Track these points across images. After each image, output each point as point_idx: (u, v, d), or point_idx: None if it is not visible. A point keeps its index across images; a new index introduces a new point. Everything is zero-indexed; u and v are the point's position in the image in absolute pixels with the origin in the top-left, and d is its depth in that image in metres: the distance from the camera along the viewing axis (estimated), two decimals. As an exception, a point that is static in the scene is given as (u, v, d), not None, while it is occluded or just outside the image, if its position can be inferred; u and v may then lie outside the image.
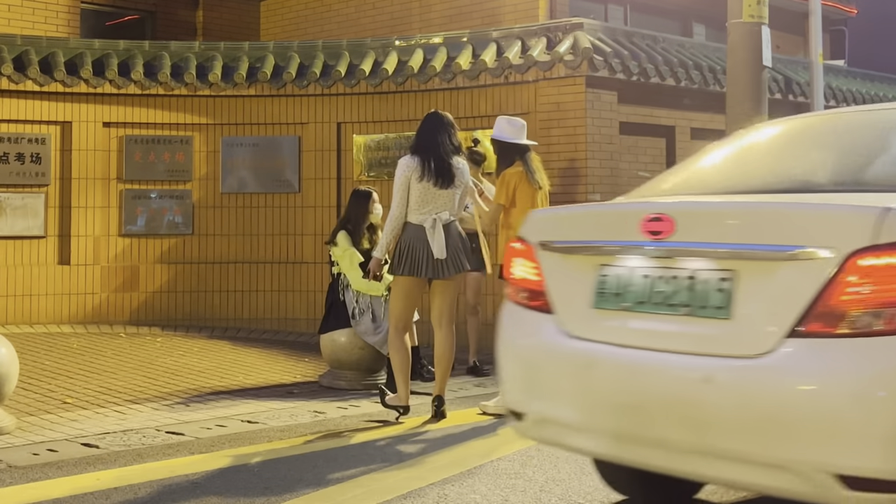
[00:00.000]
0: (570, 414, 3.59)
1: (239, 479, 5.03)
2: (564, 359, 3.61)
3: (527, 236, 3.87)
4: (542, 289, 3.75)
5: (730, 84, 9.47)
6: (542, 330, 3.70)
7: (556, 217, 4.07)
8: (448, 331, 6.53)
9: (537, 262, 3.79)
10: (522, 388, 3.80)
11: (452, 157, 6.47)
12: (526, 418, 3.77)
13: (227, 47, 11.07)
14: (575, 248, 3.69)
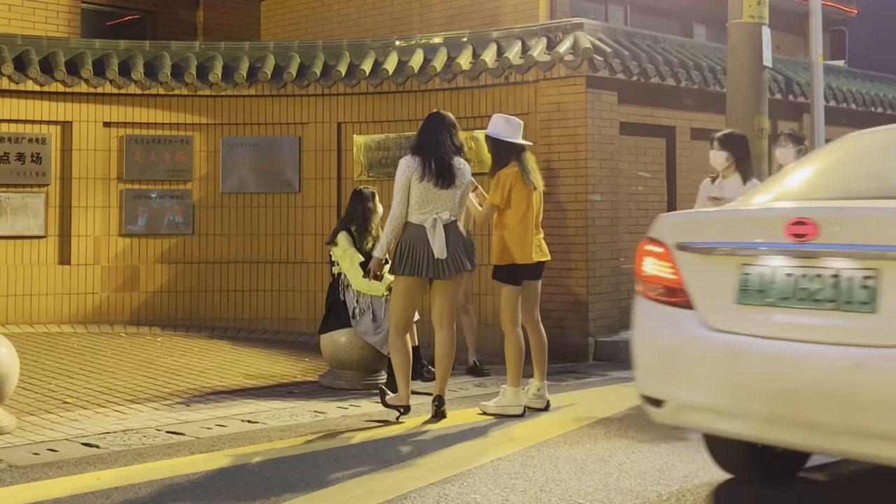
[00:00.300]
0: (716, 400, 3.95)
1: (239, 478, 5.04)
2: (709, 350, 3.98)
3: (661, 238, 4.27)
4: (680, 286, 4.15)
5: (730, 84, 9.48)
6: (682, 324, 4.09)
7: (695, 221, 4.48)
8: (449, 331, 6.54)
9: (674, 262, 4.19)
10: (662, 377, 4.19)
11: (453, 158, 6.47)
12: (665, 405, 4.15)
13: (227, 47, 11.07)
14: (716, 250, 4.09)
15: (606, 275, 9.34)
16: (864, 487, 4.95)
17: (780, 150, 7.68)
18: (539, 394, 6.78)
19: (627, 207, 9.79)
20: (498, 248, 6.62)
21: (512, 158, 6.63)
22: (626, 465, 5.27)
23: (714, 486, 4.87)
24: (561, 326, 9.19)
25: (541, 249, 6.72)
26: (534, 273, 6.73)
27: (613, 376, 8.19)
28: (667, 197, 10.30)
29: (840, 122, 12.54)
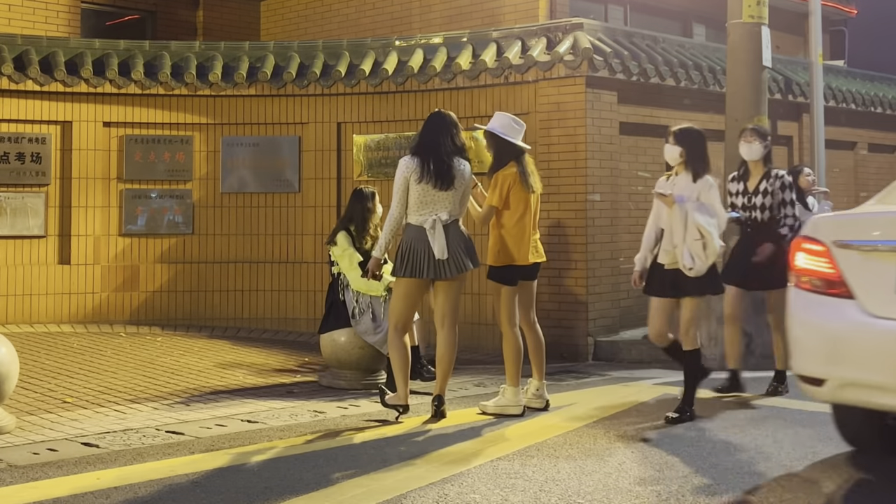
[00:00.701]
0: (877, 377, 4.48)
1: (239, 478, 5.04)
2: (871, 334, 4.55)
3: (818, 237, 4.84)
4: (839, 279, 4.72)
5: (730, 84, 9.48)
6: (844, 312, 4.65)
7: (853, 221, 4.98)
8: (451, 331, 6.53)
9: (832, 257, 4.76)
10: (824, 358, 4.74)
11: (453, 159, 6.46)
12: (826, 383, 4.69)
13: (227, 47, 11.07)
14: (878, 247, 4.64)
15: (606, 275, 9.35)
16: None
17: (746, 145, 7.37)
18: (538, 394, 6.78)
19: (627, 207, 9.79)
20: (495, 248, 6.61)
21: (511, 160, 6.60)
22: (626, 464, 5.28)
23: (714, 486, 4.87)
24: (560, 326, 9.19)
25: (537, 251, 6.72)
26: (530, 274, 6.72)
27: (613, 376, 8.19)
28: (666, 197, 10.28)
29: (840, 122, 12.55)
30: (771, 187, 7.28)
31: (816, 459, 5.38)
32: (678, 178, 6.58)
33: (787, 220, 7.28)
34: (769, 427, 6.18)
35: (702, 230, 6.24)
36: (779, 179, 7.30)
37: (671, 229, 6.39)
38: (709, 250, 6.28)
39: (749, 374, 8.28)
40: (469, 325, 9.56)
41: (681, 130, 6.68)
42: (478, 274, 8.81)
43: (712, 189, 6.47)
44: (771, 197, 7.27)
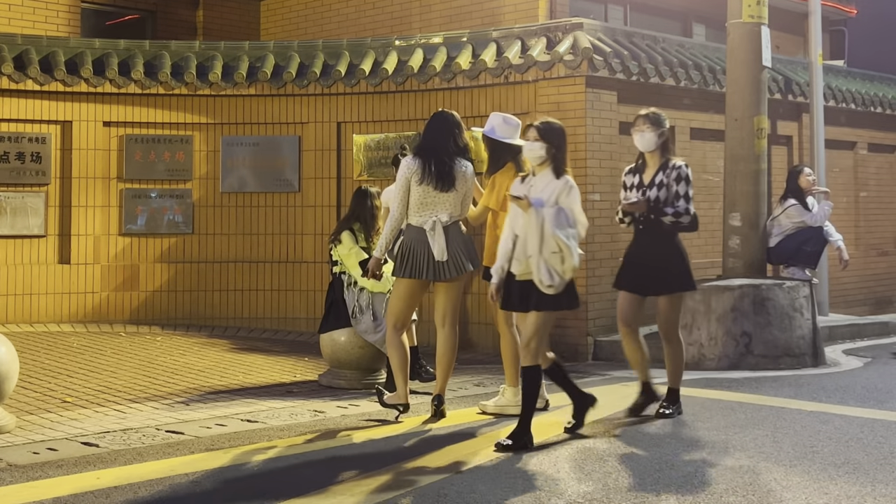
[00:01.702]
0: None
1: (239, 478, 5.04)
2: None
3: None
4: None
5: (730, 84, 9.49)
6: None
7: None
8: (451, 331, 6.54)
9: None
10: None
11: (455, 160, 6.46)
12: None
13: (227, 47, 11.07)
14: None
15: (606, 275, 9.34)
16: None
17: (638, 135, 6.54)
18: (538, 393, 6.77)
19: (627, 207, 9.78)
20: (490, 249, 6.60)
21: (508, 160, 6.58)
22: (626, 464, 5.28)
23: (714, 486, 4.87)
24: (560, 326, 9.19)
25: None
26: None
27: (613, 376, 8.19)
28: (666, 197, 10.29)
29: (839, 122, 12.55)
30: (667, 179, 6.46)
31: (816, 459, 5.38)
32: (536, 179, 5.88)
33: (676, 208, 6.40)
34: (769, 427, 6.18)
35: (560, 243, 5.63)
36: (675, 170, 6.45)
37: (525, 237, 5.71)
38: (567, 265, 5.66)
39: (751, 373, 8.29)
40: (469, 325, 9.57)
41: (544, 125, 5.96)
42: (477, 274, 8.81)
43: (573, 191, 5.83)
44: (666, 190, 6.44)
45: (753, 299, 8.68)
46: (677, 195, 6.45)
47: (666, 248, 6.50)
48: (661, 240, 6.50)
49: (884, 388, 7.57)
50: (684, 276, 6.55)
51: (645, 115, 6.59)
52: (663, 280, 6.50)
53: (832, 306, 11.56)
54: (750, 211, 9.27)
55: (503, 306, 6.02)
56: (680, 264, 6.54)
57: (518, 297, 5.84)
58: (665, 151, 6.56)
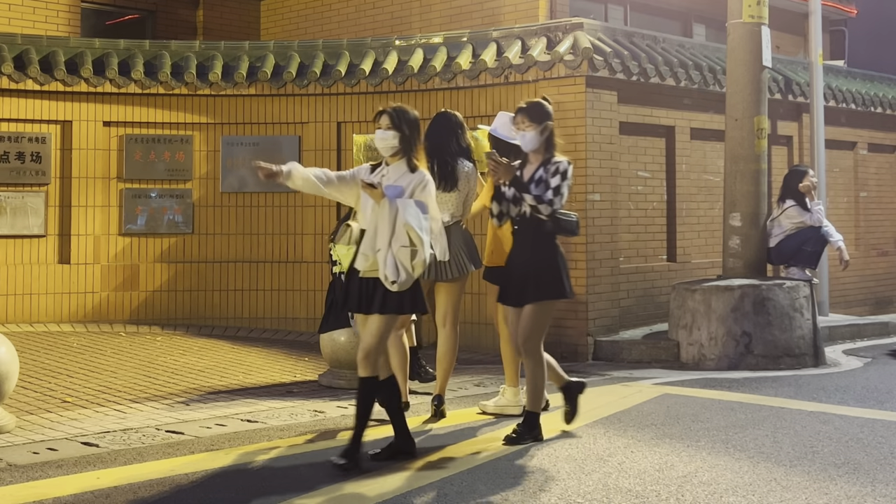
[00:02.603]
0: None
1: (239, 477, 5.04)
2: None
3: None
4: None
5: (730, 84, 9.49)
6: None
7: None
8: (451, 331, 6.55)
9: None
10: None
11: (457, 160, 6.47)
12: None
13: (227, 47, 11.07)
14: None
15: (606, 274, 9.35)
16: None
17: (520, 136, 5.92)
18: (538, 393, 6.76)
19: (627, 207, 9.79)
20: (489, 249, 6.61)
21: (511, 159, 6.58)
22: (626, 464, 5.28)
23: (714, 486, 4.87)
24: (560, 326, 9.19)
25: None
26: None
27: (613, 376, 8.19)
28: (666, 197, 10.30)
29: (840, 122, 12.55)
30: (545, 175, 5.82)
31: (816, 459, 5.38)
32: (389, 170, 5.47)
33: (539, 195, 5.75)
34: (769, 427, 6.18)
35: (412, 235, 5.20)
36: (555, 165, 5.82)
37: (375, 230, 5.27)
38: (417, 260, 5.23)
39: (751, 373, 8.29)
40: (469, 325, 9.57)
41: (397, 112, 5.57)
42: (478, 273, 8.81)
43: (429, 186, 5.44)
44: (544, 186, 5.79)
45: (754, 299, 8.68)
46: (547, 185, 5.76)
47: (544, 252, 5.85)
48: (538, 244, 5.86)
49: (884, 389, 7.57)
50: (555, 284, 5.82)
51: (525, 109, 5.86)
52: (533, 286, 5.81)
53: (832, 306, 11.56)
54: (750, 211, 9.27)
55: (342, 308, 5.55)
56: (552, 271, 5.83)
57: (359, 296, 5.37)
58: (550, 147, 5.89)
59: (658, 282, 10.01)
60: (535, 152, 5.88)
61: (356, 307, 5.40)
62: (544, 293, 5.79)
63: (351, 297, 5.41)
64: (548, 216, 5.72)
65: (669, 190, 10.32)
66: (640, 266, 9.93)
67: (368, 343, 5.31)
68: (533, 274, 5.79)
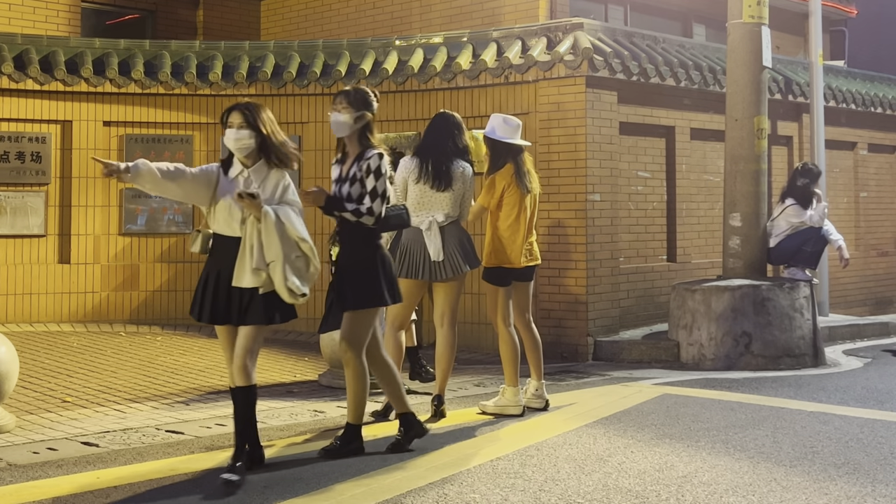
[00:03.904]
0: None
1: (239, 477, 5.04)
2: None
3: None
4: None
5: (730, 84, 9.49)
6: None
7: None
8: (449, 330, 6.54)
9: None
10: None
11: (453, 160, 6.47)
12: None
13: (227, 46, 11.07)
14: None
15: (606, 275, 9.35)
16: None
17: (332, 115, 5.47)
18: (538, 394, 6.78)
19: (627, 207, 9.79)
20: (488, 249, 6.61)
21: (508, 160, 6.59)
22: (626, 464, 5.28)
23: (714, 486, 4.87)
24: (560, 326, 9.19)
25: (531, 254, 6.69)
26: (523, 276, 6.71)
27: (613, 376, 8.19)
28: (666, 197, 10.30)
29: (840, 123, 12.55)
30: (359, 172, 5.40)
31: (816, 459, 5.38)
32: (251, 173, 5.02)
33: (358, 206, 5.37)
34: (769, 427, 6.18)
35: (302, 245, 5.07)
36: (366, 161, 5.39)
37: (261, 243, 4.97)
38: (312, 270, 5.16)
39: (751, 374, 8.29)
40: (469, 325, 9.57)
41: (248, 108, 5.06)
42: (477, 273, 8.81)
43: (290, 185, 5.13)
44: (360, 185, 5.39)
45: (753, 299, 8.68)
46: (363, 187, 5.38)
47: (360, 255, 5.52)
48: (358, 246, 5.53)
49: (884, 389, 7.57)
50: (373, 291, 5.47)
51: (345, 93, 5.50)
52: (351, 293, 5.53)
53: (832, 306, 11.56)
54: (750, 211, 9.28)
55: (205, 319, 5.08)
56: (370, 276, 5.48)
57: (227, 306, 5.02)
58: (364, 139, 5.48)
59: (658, 282, 10.01)
60: (350, 143, 5.49)
61: (222, 319, 5.03)
62: (361, 301, 5.45)
63: (217, 308, 5.03)
64: (374, 224, 5.42)
65: (669, 190, 10.32)
66: (640, 266, 9.93)
67: (242, 354, 5.00)
68: (350, 278, 5.50)
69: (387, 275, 5.52)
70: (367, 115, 5.47)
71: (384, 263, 5.52)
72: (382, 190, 5.39)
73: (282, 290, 4.99)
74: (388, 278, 5.53)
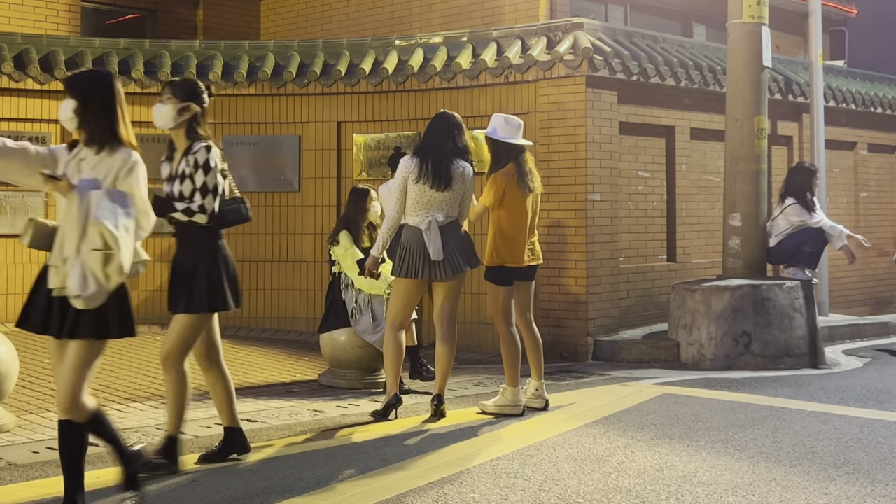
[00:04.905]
0: None
1: (238, 477, 5.04)
2: None
3: None
4: None
5: (730, 84, 9.49)
6: None
7: None
8: (449, 330, 6.54)
9: None
10: None
11: (453, 160, 6.46)
12: None
13: (227, 46, 11.07)
14: None
15: (606, 274, 9.35)
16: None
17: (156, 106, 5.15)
18: (538, 393, 6.78)
19: (627, 207, 9.79)
20: (490, 248, 6.62)
21: (510, 160, 6.60)
22: (626, 464, 5.28)
23: (714, 486, 4.87)
24: (560, 326, 9.20)
25: (533, 253, 6.70)
26: (526, 275, 6.72)
27: (613, 376, 8.19)
28: (666, 197, 10.31)
29: (840, 123, 12.55)
30: (188, 168, 5.05)
31: (816, 459, 5.38)
32: (89, 152, 4.33)
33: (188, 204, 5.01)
34: (769, 427, 6.18)
35: (105, 235, 4.13)
36: (193, 156, 5.03)
37: (64, 234, 4.28)
38: (112, 266, 4.14)
39: (751, 373, 8.29)
40: (469, 325, 9.57)
41: (78, 76, 4.49)
42: (478, 273, 8.82)
43: (136, 169, 4.44)
44: (190, 182, 5.03)
45: (753, 299, 8.68)
46: (192, 184, 5.03)
47: (196, 256, 5.18)
48: (194, 246, 5.20)
49: (884, 389, 7.57)
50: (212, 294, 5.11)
51: (170, 83, 5.17)
52: (185, 295, 5.16)
53: (832, 306, 11.57)
54: (750, 211, 9.28)
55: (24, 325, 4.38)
56: (207, 277, 5.10)
57: (46, 316, 4.25)
58: (192, 132, 5.10)
59: (658, 282, 10.02)
60: (177, 137, 5.11)
61: (41, 329, 4.27)
62: (198, 304, 5.07)
63: (36, 317, 4.30)
64: (208, 222, 5.04)
65: (669, 190, 10.32)
66: (640, 266, 9.93)
67: (66, 382, 4.22)
68: (187, 281, 5.13)
69: (229, 277, 5.14)
70: (194, 106, 5.07)
71: (226, 264, 5.13)
72: (214, 185, 5.00)
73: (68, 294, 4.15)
74: (231, 281, 5.14)
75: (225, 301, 5.12)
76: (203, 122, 5.12)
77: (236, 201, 5.25)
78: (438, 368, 6.54)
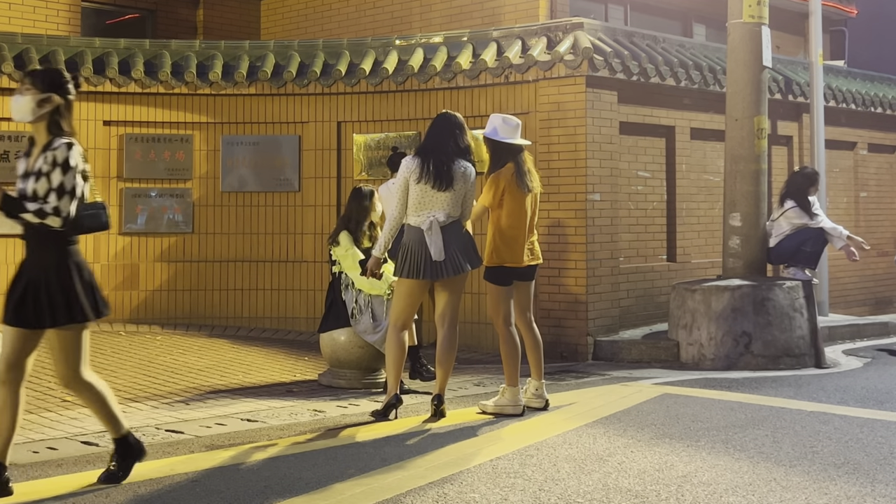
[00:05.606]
0: None
1: (238, 477, 5.04)
2: None
3: None
4: None
5: (730, 84, 9.49)
6: None
7: None
8: (450, 330, 6.54)
9: None
10: None
11: (454, 160, 6.46)
12: None
13: (227, 46, 11.07)
14: None
15: (606, 274, 9.35)
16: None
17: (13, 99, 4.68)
18: (538, 393, 6.78)
19: (627, 207, 9.79)
20: (489, 248, 6.62)
21: (509, 160, 6.60)
22: (626, 464, 5.28)
23: (714, 486, 4.87)
24: (560, 326, 9.20)
25: (532, 253, 6.70)
26: (525, 275, 6.72)
27: (613, 376, 8.20)
28: (666, 197, 10.31)
29: (840, 123, 12.55)
30: (45, 166, 4.57)
31: (816, 459, 5.38)
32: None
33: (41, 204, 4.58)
34: (769, 427, 6.18)
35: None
36: (52, 152, 4.56)
37: None
38: None
39: (751, 373, 8.29)
40: (469, 325, 9.57)
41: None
42: (478, 273, 8.81)
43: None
44: (46, 180, 4.57)
45: (753, 299, 8.68)
46: (49, 183, 4.57)
47: (46, 261, 4.70)
48: (43, 250, 4.73)
49: (884, 389, 7.57)
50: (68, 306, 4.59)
51: (31, 72, 4.76)
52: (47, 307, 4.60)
53: (832, 306, 11.57)
54: (750, 211, 9.28)
55: None
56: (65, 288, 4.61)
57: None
58: (54, 128, 4.65)
59: (658, 282, 10.02)
60: (38, 131, 4.67)
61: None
62: (61, 316, 4.57)
63: None
64: (62, 226, 4.60)
65: (669, 190, 10.32)
66: (640, 266, 9.93)
67: None
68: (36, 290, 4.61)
69: (84, 284, 4.64)
70: (56, 98, 4.62)
71: (80, 271, 4.65)
72: (71, 186, 4.54)
73: None
74: (87, 288, 4.65)
75: (83, 311, 4.61)
76: (67, 115, 4.67)
77: (96, 206, 4.80)
78: (439, 368, 6.54)
